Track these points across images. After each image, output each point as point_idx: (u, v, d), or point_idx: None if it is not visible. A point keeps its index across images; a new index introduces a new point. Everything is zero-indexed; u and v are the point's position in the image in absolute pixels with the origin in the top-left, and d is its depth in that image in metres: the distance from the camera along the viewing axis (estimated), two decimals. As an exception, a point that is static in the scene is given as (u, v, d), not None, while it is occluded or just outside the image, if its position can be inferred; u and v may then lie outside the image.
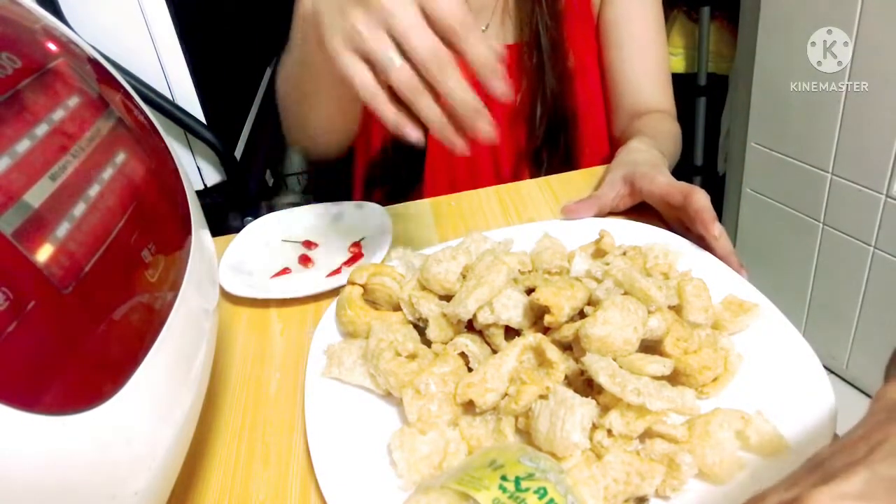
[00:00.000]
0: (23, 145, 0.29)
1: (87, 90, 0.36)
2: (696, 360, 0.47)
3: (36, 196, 0.29)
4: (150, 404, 0.32)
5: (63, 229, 0.29)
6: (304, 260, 0.72)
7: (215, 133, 0.92)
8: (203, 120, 0.92)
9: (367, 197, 0.80)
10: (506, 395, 0.47)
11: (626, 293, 0.50)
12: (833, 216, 1.43)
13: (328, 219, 0.77)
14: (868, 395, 1.38)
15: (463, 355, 0.51)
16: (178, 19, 0.88)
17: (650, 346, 0.50)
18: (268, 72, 1.24)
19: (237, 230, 0.79)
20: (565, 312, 0.48)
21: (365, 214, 0.76)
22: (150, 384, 0.32)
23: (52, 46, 0.36)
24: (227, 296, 0.67)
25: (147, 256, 0.34)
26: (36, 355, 0.26)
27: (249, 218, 1.03)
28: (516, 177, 1.00)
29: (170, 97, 0.90)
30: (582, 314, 0.51)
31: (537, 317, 0.52)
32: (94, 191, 0.33)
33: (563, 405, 0.43)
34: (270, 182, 1.31)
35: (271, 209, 0.81)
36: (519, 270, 0.58)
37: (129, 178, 0.36)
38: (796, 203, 1.52)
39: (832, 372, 1.59)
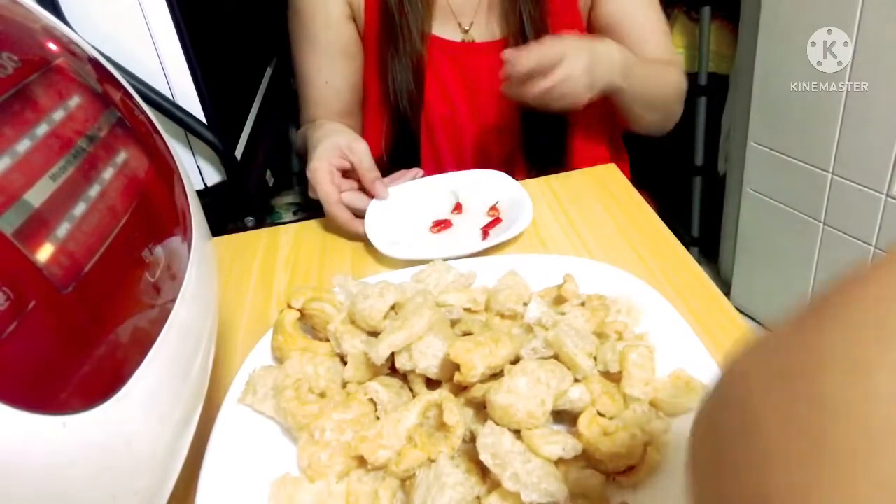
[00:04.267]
0: (23, 145, 0.29)
1: (88, 90, 0.36)
2: (606, 444, 0.41)
3: (36, 196, 0.29)
4: (150, 404, 0.32)
5: (63, 229, 0.29)
6: (444, 224, 0.76)
7: (215, 133, 0.92)
8: (203, 119, 0.91)
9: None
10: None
11: (555, 355, 0.47)
12: (833, 216, 1.43)
13: (463, 186, 0.81)
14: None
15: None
16: (179, 19, 0.88)
17: (577, 417, 0.45)
18: (268, 71, 1.24)
19: (237, 230, 0.80)
20: (477, 372, 0.44)
21: (495, 181, 0.80)
22: (150, 384, 0.32)
23: (52, 46, 0.36)
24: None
25: (147, 256, 0.34)
26: (36, 355, 0.26)
27: (250, 218, 1.03)
28: (509, 173, 1.00)
29: (170, 97, 0.90)
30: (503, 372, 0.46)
31: (453, 371, 0.47)
32: (94, 191, 0.33)
33: (437, 482, 0.40)
34: (271, 182, 1.32)
35: (272, 209, 0.82)
36: (468, 309, 0.55)
37: (130, 178, 0.36)
38: (797, 203, 1.52)
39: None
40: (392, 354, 0.48)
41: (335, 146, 0.78)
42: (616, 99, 0.87)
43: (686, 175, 1.97)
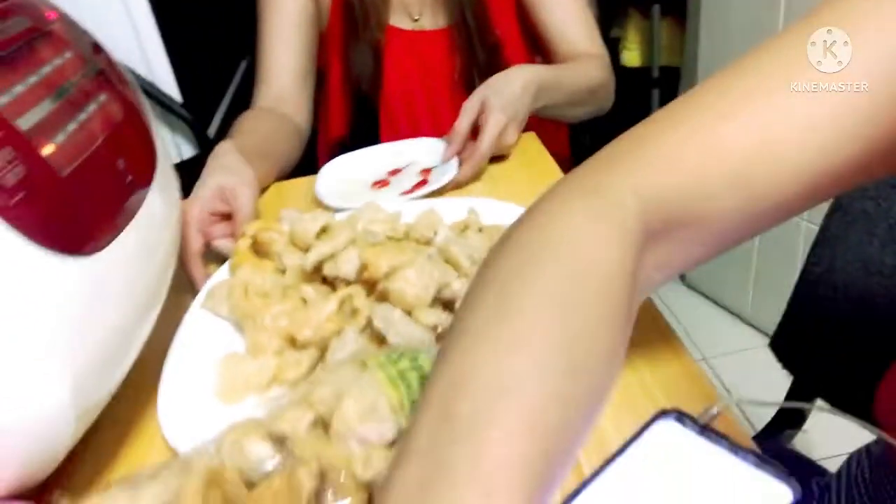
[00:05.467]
0: (32, 78, 0.42)
1: (79, 48, 0.49)
2: None
3: (41, 111, 0.42)
4: (127, 262, 0.45)
5: (61, 136, 0.42)
6: (382, 183, 0.89)
7: (190, 111, 1.05)
8: (179, 99, 1.04)
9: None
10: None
11: (446, 260, 0.60)
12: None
13: (402, 153, 0.95)
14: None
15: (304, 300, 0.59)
16: (159, 17, 1.00)
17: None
18: (242, 65, 1.37)
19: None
20: (382, 270, 0.56)
21: (432, 149, 0.93)
22: (125, 250, 0.45)
23: (51, 15, 0.49)
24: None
25: (121, 164, 0.47)
26: (44, 212, 0.39)
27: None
28: None
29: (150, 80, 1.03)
30: None
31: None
32: (81, 117, 0.46)
33: (344, 347, 0.53)
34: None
35: None
36: (390, 237, 0.67)
37: (108, 113, 0.49)
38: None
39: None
40: (322, 267, 0.61)
41: (218, 187, 0.74)
42: (541, 111, 0.98)
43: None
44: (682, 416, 0.45)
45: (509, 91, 0.90)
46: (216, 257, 0.75)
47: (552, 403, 0.28)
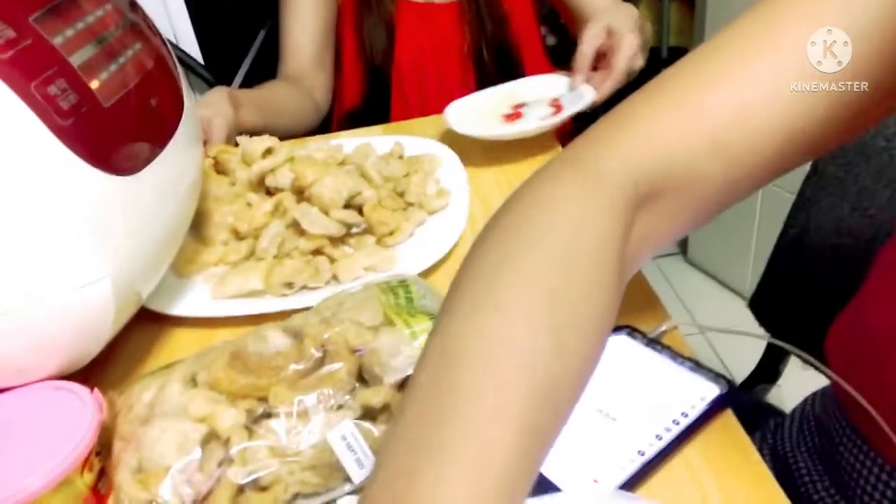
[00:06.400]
0: (80, 24, 0.49)
1: (117, 3, 0.56)
2: (376, 215, 0.67)
3: (87, 52, 0.49)
4: (159, 186, 0.52)
5: (105, 74, 0.49)
6: (514, 115, 0.93)
7: (211, 72, 1.12)
8: (201, 61, 1.11)
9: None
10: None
11: (361, 175, 0.71)
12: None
13: (535, 85, 0.99)
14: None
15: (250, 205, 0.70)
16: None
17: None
18: (261, 33, 1.44)
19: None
20: (308, 179, 0.66)
21: (561, 82, 0.97)
22: (156, 176, 0.52)
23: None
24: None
25: (153, 102, 0.54)
26: (90, 135, 0.46)
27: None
28: None
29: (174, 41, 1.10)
30: None
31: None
32: (120, 60, 0.53)
33: (268, 231, 0.65)
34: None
35: None
36: (326, 161, 0.76)
37: (141, 60, 0.56)
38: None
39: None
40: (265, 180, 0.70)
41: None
42: None
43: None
44: (633, 331, 0.53)
45: (633, 18, 0.94)
46: None
47: (541, 384, 0.29)
